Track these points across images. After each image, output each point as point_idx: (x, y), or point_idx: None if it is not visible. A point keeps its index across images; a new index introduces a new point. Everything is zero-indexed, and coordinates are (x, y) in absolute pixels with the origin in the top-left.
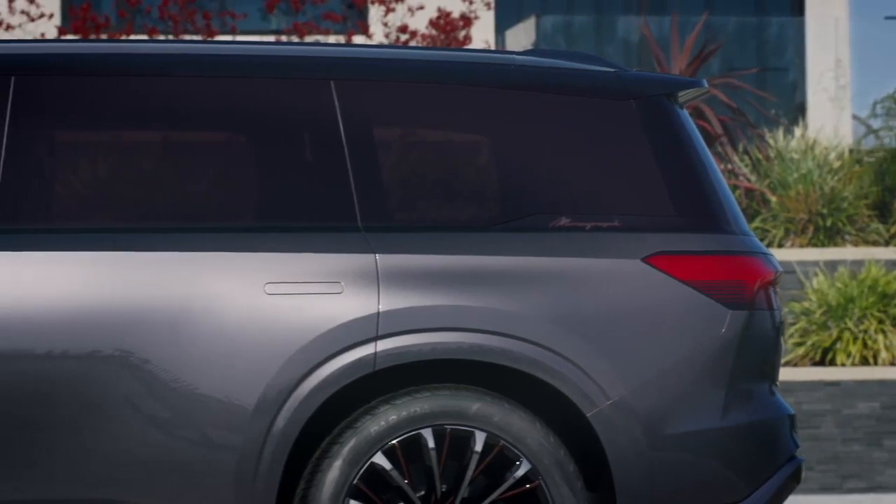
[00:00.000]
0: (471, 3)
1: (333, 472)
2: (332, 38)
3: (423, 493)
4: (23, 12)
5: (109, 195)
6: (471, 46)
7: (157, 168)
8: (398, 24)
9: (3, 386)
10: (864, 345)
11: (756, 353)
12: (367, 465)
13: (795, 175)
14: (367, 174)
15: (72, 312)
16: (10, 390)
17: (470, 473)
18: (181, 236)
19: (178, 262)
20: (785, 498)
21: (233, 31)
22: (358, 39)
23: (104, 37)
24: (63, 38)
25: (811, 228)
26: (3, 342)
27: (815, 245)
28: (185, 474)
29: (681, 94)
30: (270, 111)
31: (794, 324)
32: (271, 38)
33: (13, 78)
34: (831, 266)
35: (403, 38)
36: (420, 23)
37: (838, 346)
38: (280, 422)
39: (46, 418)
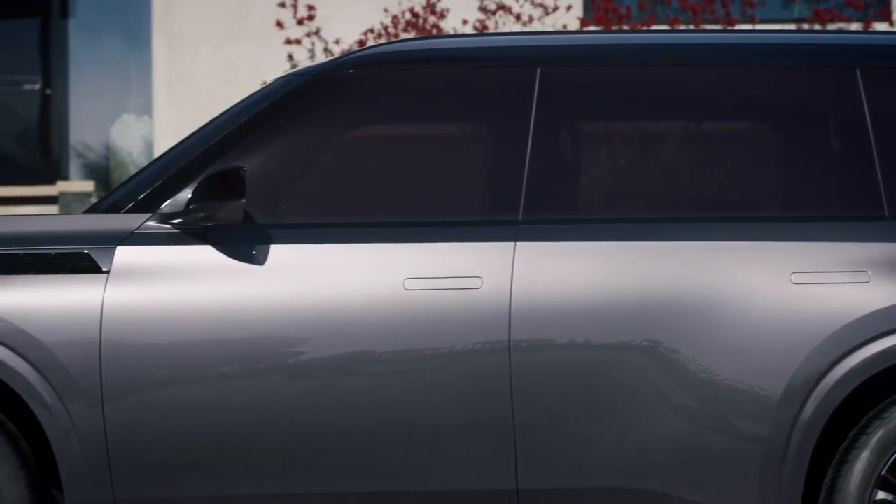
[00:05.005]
0: None
1: (861, 463)
2: (853, 26)
3: None
4: (540, 5)
5: (634, 185)
6: None
7: (680, 158)
8: None
9: (534, 376)
10: None
11: None
12: (895, 455)
13: None
14: (894, 162)
15: (602, 302)
16: (540, 380)
17: None
18: (706, 226)
19: (703, 252)
20: None
21: (752, 20)
22: (880, 26)
23: (625, 28)
24: (585, 29)
25: None
26: (534, 332)
27: None
28: (711, 464)
29: None
30: (794, 100)
31: None
32: (791, 27)
33: (539, 70)
34: None
35: None
36: None
37: None
38: (807, 412)
39: (576, 408)
